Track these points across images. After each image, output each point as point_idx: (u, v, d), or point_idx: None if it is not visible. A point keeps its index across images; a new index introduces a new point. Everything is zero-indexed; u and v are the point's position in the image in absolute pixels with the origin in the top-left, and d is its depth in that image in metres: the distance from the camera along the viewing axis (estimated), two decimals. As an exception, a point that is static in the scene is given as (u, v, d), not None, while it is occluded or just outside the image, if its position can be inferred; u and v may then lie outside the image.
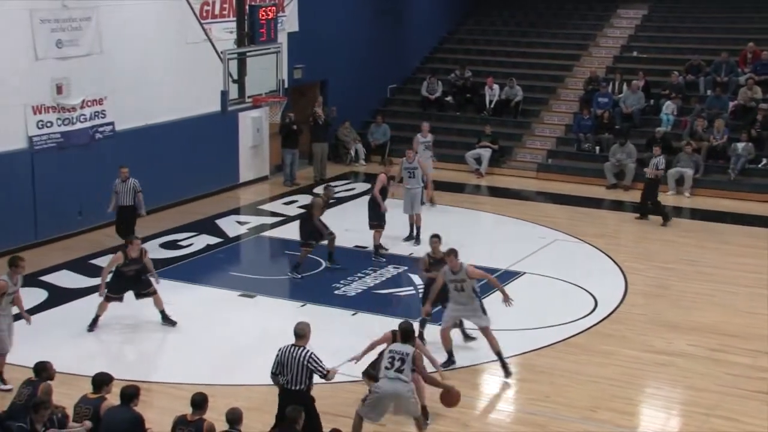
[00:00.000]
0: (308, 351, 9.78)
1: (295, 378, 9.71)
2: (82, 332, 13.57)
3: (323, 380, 9.85)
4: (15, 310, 12.07)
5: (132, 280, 13.76)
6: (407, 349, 10.24)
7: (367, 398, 10.31)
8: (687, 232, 18.61)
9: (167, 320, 13.90)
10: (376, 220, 16.85)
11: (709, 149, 22.02)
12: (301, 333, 9.93)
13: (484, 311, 12.29)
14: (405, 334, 10.48)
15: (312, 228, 15.93)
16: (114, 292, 13.71)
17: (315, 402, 9.84)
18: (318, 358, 9.76)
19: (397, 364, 10.13)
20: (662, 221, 19.10)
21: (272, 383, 9.98)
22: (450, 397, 10.81)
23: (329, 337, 13.23)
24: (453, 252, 12.20)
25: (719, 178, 21.76)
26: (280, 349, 9.88)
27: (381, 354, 10.65)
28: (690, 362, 12.87)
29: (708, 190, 21.44)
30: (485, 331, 12.24)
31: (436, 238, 13.39)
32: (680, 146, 21.96)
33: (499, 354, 12.21)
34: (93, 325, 13.72)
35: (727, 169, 21.67)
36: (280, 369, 9.81)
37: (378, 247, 16.90)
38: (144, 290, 13.85)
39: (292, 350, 9.79)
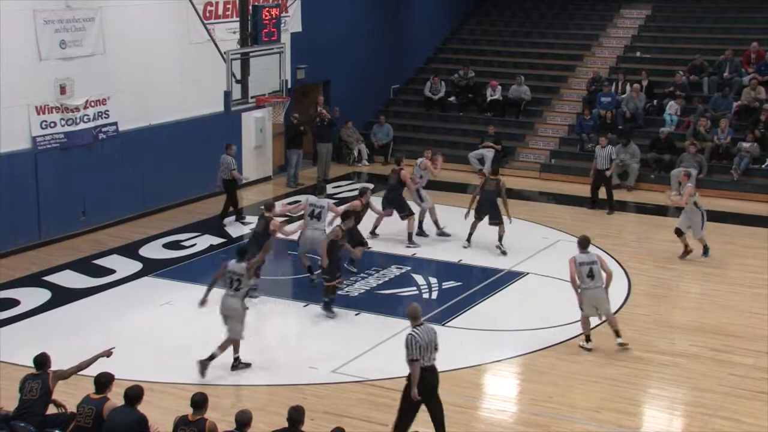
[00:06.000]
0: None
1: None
2: (86, 332, 13.58)
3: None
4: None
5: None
6: (593, 257, 12.86)
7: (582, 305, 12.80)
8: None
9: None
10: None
11: (712, 150, 22.01)
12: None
13: None
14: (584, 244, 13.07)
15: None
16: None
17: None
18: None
19: (591, 273, 12.70)
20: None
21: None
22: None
23: (332, 336, 13.28)
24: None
25: (722, 178, 21.74)
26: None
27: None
28: (693, 363, 12.87)
29: (711, 191, 21.39)
30: None
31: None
32: (684, 146, 21.95)
33: None
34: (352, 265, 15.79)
35: (730, 169, 21.66)
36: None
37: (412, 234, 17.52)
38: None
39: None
